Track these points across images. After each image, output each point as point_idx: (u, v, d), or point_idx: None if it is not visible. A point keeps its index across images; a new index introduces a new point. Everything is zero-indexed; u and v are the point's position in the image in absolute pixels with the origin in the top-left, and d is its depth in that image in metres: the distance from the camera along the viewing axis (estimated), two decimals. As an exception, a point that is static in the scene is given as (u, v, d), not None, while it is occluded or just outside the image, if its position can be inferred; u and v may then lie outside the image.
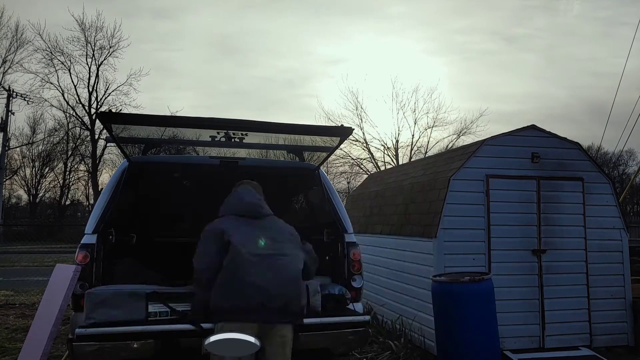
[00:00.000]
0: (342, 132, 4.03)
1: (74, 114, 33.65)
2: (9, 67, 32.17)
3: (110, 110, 3.71)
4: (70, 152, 39.47)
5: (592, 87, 76.10)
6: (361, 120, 30.23)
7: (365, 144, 30.55)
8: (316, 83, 66.49)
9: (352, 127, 4.02)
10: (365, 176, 23.19)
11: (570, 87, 74.05)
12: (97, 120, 31.20)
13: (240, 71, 64.88)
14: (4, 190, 33.81)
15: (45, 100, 32.89)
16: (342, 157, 30.46)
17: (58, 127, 37.61)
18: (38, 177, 41.66)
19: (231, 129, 4.24)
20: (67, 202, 42.98)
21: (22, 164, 40.68)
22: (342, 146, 5.92)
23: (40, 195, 42.96)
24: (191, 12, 58.87)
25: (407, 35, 63.42)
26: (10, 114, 31.52)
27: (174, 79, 63.62)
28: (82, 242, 3.92)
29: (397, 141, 30.87)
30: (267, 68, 64.27)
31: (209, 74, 62.04)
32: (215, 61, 63.27)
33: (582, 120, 75.48)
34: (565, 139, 6.28)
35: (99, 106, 32.30)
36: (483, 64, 65.33)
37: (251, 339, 2.98)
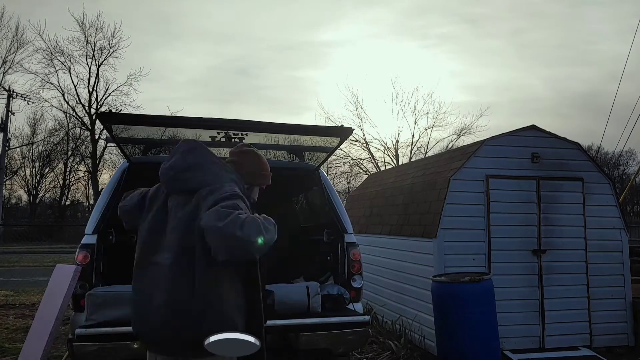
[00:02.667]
0: (342, 133, 4.03)
1: (74, 114, 33.71)
2: (9, 67, 32.22)
3: (110, 111, 3.71)
4: (70, 153, 39.51)
5: (569, 78, 72.52)
6: (361, 120, 30.23)
7: (365, 144, 30.54)
8: (272, 73, 62.64)
9: (352, 128, 4.02)
10: (365, 176, 23.20)
11: (545, 77, 70.37)
12: (97, 121, 31.22)
13: (188, 59, 58.87)
14: (4, 191, 33.82)
15: (45, 100, 32.94)
16: (342, 157, 30.44)
17: (58, 127, 37.66)
18: (38, 177, 41.71)
19: (231, 129, 4.24)
20: (67, 203, 42.98)
21: (22, 164, 40.74)
22: (342, 146, 5.92)
23: (40, 195, 42.99)
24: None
25: (357, 18, 59.18)
26: (10, 114, 31.52)
27: (125, 69, 58.86)
28: (82, 242, 3.92)
29: (397, 141, 30.89)
30: (214, 56, 59.60)
31: (158, 63, 55.87)
32: (159, 47, 57.01)
33: (564, 114, 72.38)
34: (565, 139, 6.28)
35: (99, 106, 32.33)
36: (446, 51, 60.87)
37: (251, 338, 2.98)
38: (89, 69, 32.47)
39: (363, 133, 30.04)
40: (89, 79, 32.47)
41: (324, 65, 64.28)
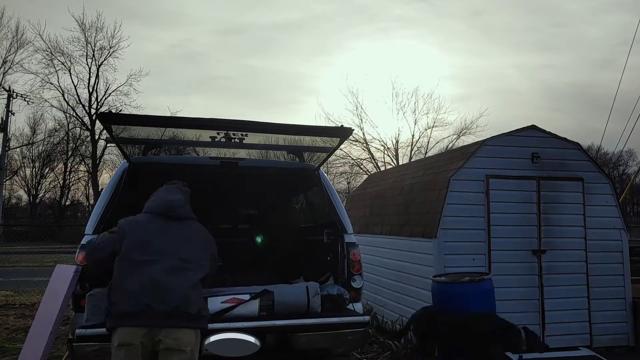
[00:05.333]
0: (342, 133, 4.03)
1: (74, 114, 33.78)
2: (9, 67, 32.25)
3: (110, 111, 3.71)
4: (70, 153, 39.53)
5: (544, 66, 67.94)
6: (361, 120, 30.25)
7: (365, 144, 30.57)
8: (221, 61, 57.28)
9: (352, 128, 4.02)
10: (365, 176, 23.21)
11: (518, 65, 65.10)
12: (97, 121, 31.23)
13: (130, 48, 53.70)
14: (4, 191, 33.82)
15: (46, 100, 33.00)
16: (342, 158, 30.48)
17: (58, 127, 37.71)
18: (38, 177, 41.74)
19: (231, 129, 4.24)
20: (67, 203, 43.00)
21: (22, 165, 40.78)
22: (342, 146, 5.92)
23: (41, 195, 43.04)
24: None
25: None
26: (10, 114, 31.55)
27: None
28: (82, 242, 3.92)
29: (397, 141, 30.91)
30: (152, 41, 54.20)
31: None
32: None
33: (547, 106, 67.96)
34: (565, 139, 6.28)
35: (99, 106, 32.39)
36: (404, 36, 55.53)
37: (251, 338, 2.99)
38: (89, 69, 32.55)
39: (363, 133, 30.10)
40: (89, 79, 32.55)
41: (275, 52, 59.54)
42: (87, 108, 32.76)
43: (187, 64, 57.03)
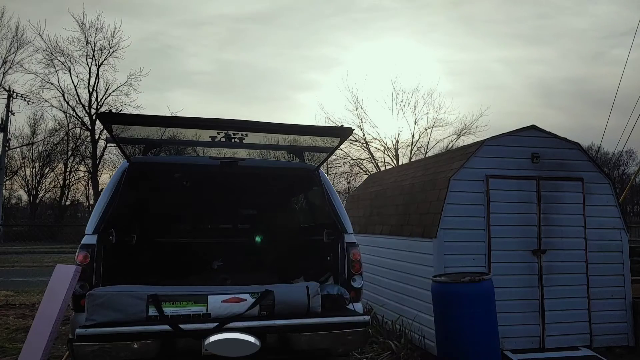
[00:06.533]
0: (342, 133, 4.03)
1: (74, 114, 33.77)
2: (9, 67, 32.27)
3: (110, 111, 3.71)
4: (70, 153, 39.52)
5: (533, 61, 65.52)
6: (361, 120, 30.25)
7: (365, 144, 30.58)
8: (197, 55, 55.76)
9: (352, 128, 4.02)
10: (365, 176, 23.21)
11: (502, 59, 62.23)
12: (98, 121, 31.22)
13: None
14: (4, 191, 33.82)
15: (46, 100, 33.02)
16: (342, 158, 30.49)
17: (58, 127, 37.70)
18: (38, 177, 41.73)
19: (231, 129, 4.24)
20: (67, 203, 42.97)
21: (22, 165, 40.78)
22: (342, 146, 5.92)
23: (41, 195, 43.02)
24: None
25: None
26: (10, 114, 31.58)
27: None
28: (82, 242, 3.93)
29: (397, 141, 30.91)
30: (124, 33, 52.03)
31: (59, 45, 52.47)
32: (51, 23, 53.27)
33: (538, 104, 65.83)
34: (565, 139, 6.28)
35: (99, 106, 32.39)
36: (384, 28, 53.15)
37: (251, 338, 2.99)
38: (89, 69, 32.54)
39: (363, 133, 30.10)
40: (89, 79, 32.54)
41: (252, 46, 57.47)
42: (87, 108, 32.78)
43: (161, 58, 55.01)
